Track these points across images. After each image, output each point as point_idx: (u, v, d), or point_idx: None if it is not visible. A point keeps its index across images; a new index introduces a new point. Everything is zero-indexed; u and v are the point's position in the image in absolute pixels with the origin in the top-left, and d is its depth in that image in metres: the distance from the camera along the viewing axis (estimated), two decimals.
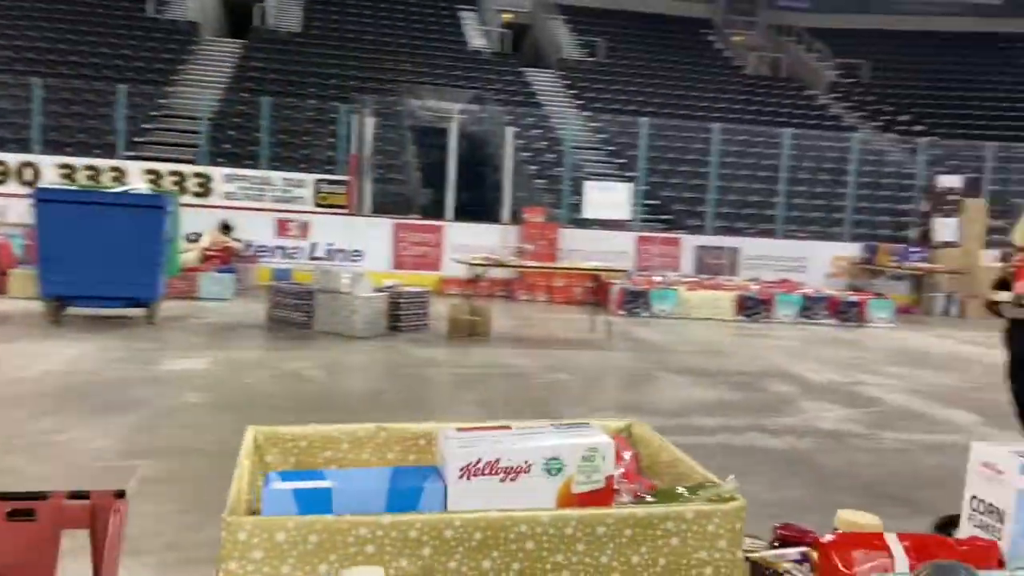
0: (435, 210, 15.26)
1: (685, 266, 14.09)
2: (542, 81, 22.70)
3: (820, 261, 14.52)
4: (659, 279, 12.42)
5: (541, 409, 5.97)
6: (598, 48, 24.42)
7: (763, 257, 14.42)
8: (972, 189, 15.15)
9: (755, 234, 15.34)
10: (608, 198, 13.90)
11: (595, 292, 12.67)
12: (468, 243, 13.62)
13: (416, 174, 17.22)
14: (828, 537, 1.11)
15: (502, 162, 15.33)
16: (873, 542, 1.09)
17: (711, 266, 14.16)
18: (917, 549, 1.07)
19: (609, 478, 1.06)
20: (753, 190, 17.47)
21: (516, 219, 14.46)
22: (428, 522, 0.97)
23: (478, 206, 15.96)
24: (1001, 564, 1.05)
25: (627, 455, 1.21)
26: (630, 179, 15.78)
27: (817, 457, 5.01)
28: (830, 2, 28.73)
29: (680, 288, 11.86)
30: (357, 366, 7.53)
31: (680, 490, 1.08)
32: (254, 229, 13.40)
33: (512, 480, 1.01)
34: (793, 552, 1.23)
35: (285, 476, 1.05)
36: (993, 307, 3.39)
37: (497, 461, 1.01)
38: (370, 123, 15.54)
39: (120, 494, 1.36)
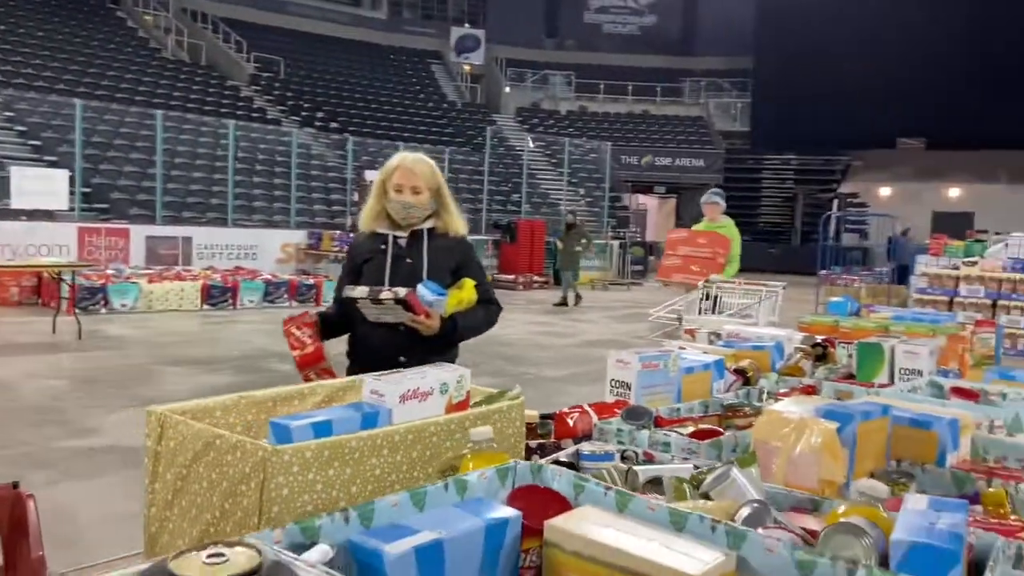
0: None
1: (135, 258, 13.57)
2: None
3: (271, 248, 15.43)
4: (115, 272, 11.83)
5: (58, 417, 5.60)
6: None
7: (216, 246, 14.71)
8: None
9: (206, 223, 15.50)
10: (41, 186, 12.58)
11: (39, 291, 11.48)
12: None
13: None
14: (558, 412, 1.91)
15: None
16: (579, 410, 1.93)
17: (164, 256, 13.91)
18: (599, 410, 1.95)
19: (468, 393, 1.67)
20: (196, 179, 17.50)
21: None
22: (386, 432, 1.47)
23: None
24: None
25: None
26: (50, 163, 14.40)
27: None
28: None
29: (141, 281, 11.52)
30: None
31: (494, 395, 1.75)
32: None
33: (424, 400, 1.56)
34: None
35: (291, 419, 1.42)
36: (352, 304, 2.53)
37: (418, 389, 1.55)
38: None
39: (15, 485, 1.48)
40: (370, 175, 17.00)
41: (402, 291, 2.41)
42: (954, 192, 26.71)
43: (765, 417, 1.57)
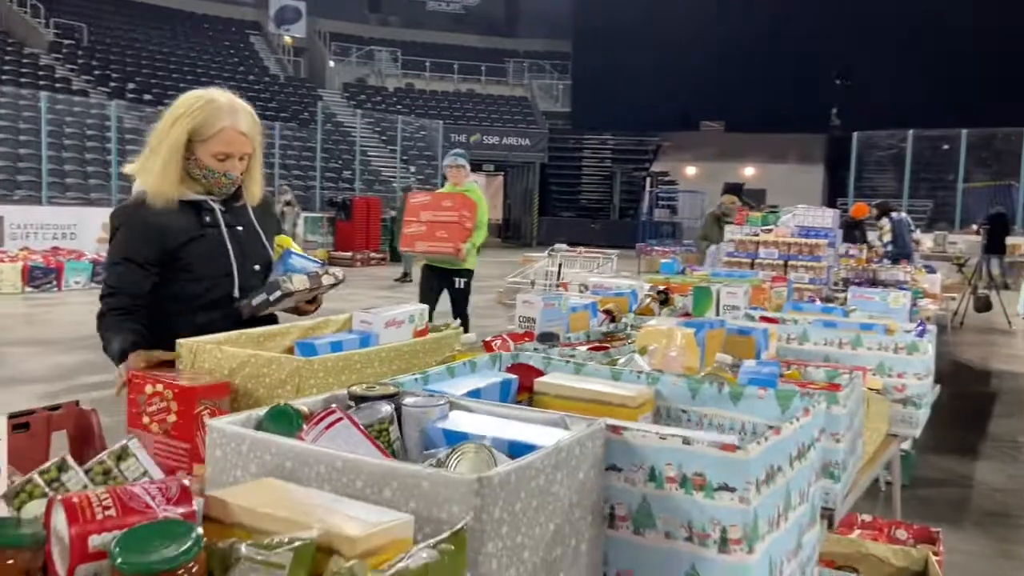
0: None
1: None
2: None
3: (92, 227, 14.66)
4: None
5: None
6: None
7: (30, 225, 13.84)
8: None
9: (18, 201, 14.50)
10: None
11: None
12: None
13: None
14: (484, 341, 2.45)
15: None
16: (500, 339, 2.48)
17: None
18: (513, 338, 2.51)
19: (427, 323, 2.18)
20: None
21: None
22: (377, 350, 1.95)
23: None
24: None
25: None
26: None
27: None
28: None
29: None
30: None
31: (439, 327, 2.27)
32: None
33: (399, 327, 2.05)
34: None
35: (312, 339, 1.87)
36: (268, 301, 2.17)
37: (395, 319, 2.04)
38: None
39: (77, 403, 1.84)
40: None
41: (340, 272, 2.22)
42: (749, 171, 29.52)
43: (645, 330, 2.19)
